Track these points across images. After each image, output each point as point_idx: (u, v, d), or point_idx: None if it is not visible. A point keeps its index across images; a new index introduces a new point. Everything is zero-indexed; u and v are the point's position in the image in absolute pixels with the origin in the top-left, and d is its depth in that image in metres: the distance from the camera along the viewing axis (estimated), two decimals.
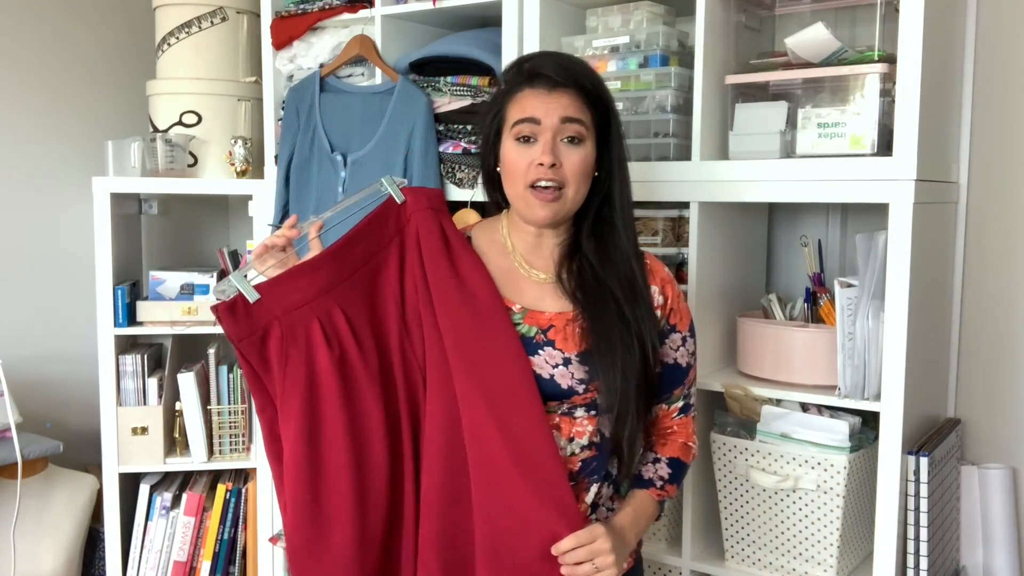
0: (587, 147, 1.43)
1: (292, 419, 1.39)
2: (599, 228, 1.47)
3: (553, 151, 1.40)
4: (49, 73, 2.79)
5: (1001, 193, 2.02)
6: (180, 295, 2.57)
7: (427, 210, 1.50)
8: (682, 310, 1.53)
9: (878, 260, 1.75)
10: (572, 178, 1.42)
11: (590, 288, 1.45)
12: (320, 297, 1.42)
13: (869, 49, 1.79)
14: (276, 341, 1.39)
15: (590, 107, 1.44)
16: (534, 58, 1.47)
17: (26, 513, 2.43)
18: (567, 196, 1.43)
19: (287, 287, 1.41)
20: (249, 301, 1.38)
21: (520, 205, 1.46)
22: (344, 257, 1.45)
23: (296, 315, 1.40)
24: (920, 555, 1.77)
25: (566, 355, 1.43)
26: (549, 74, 1.42)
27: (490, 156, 1.49)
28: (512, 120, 1.43)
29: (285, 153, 2.38)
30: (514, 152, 1.43)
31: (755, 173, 1.86)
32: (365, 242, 1.47)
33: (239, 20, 2.69)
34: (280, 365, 1.40)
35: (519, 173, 1.42)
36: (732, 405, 1.94)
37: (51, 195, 2.81)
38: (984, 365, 2.06)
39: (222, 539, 2.60)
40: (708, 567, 2.01)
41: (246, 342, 1.39)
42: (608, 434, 1.47)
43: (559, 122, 1.40)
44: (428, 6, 2.22)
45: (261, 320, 1.39)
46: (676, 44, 2.06)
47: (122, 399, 2.54)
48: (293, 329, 1.40)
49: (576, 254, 1.48)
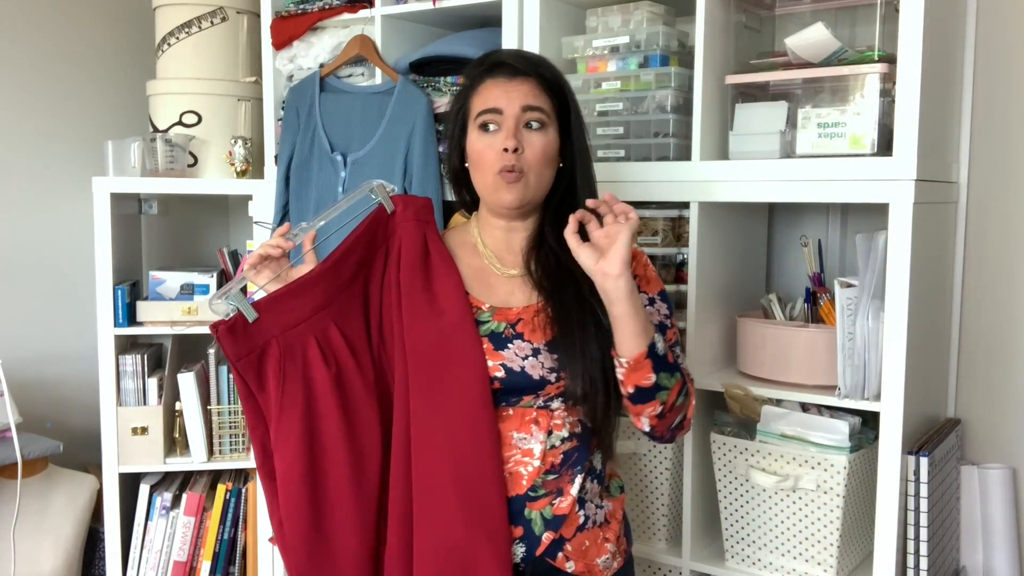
0: (549, 133, 1.46)
1: (291, 436, 1.39)
2: (562, 217, 1.48)
3: (515, 136, 1.43)
4: (49, 73, 2.79)
5: (1001, 193, 2.02)
6: (180, 295, 2.57)
7: (413, 221, 1.50)
8: (650, 277, 1.54)
9: (878, 260, 1.75)
10: (535, 163, 1.44)
11: (554, 276, 1.47)
12: (316, 314, 1.42)
13: (869, 49, 1.79)
14: (274, 360, 1.40)
15: (550, 96, 1.47)
16: (494, 53, 1.52)
17: (26, 513, 2.43)
18: (530, 181, 1.45)
19: (285, 305, 1.41)
20: (248, 320, 1.38)
21: (489, 194, 1.48)
22: (338, 272, 1.45)
23: (293, 333, 1.40)
24: (920, 555, 1.77)
25: (535, 345, 1.44)
26: (509, 62, 1.46)
27: (455, 153, 1.52)
28: (475, 111, 1.46)
29: (285, 153, 2.38)
30: (479, 142, 1.45)
31: (755, 173, 1.86)
32: (357, 254, 1.47)
33: (239, 20, 2.69)
34: (277, 383, 1.40)
35: (486, 162, 1.45)
36: (732, 405, 1.94)
37: (51, 195, 2.81)
38: (984, 365, 2.06)
39: (222, 539, 2.60)
40: (708, 567, 2.01)
41: (244, 361, 1.39)
42: (588, 421, 1.47)
43: (520, 110, 1.43)
44: (428, 6, 2.22)
45: (259, 339, 1.39)
46: (676, 44, 2.06)
47: (122, 399, 2.54)
48: (291, 348, 1.40)
49: (542, 244, 1.50)
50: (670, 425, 1.47)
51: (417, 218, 1.50)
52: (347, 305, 1.45)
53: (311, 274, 1.44)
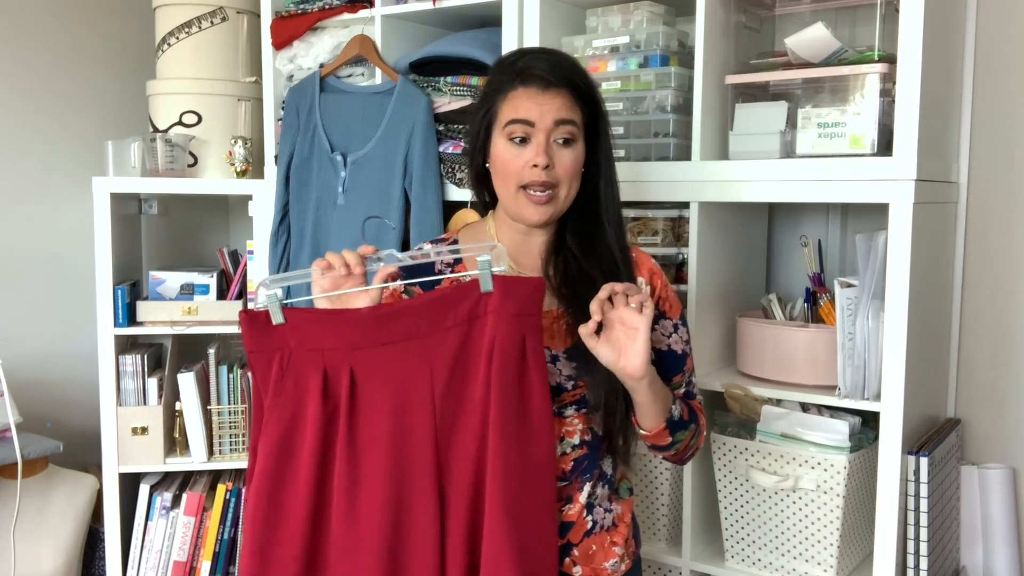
0: (579, 147, 1.43)
1: (264, 451, 1.36)
2: (585, 223, 1.47)
3: (547, 152, 1.39)
4: (49, 73, 2.79)
5: (1001, 193, 2.02)
6: (180, 295, 2.57)
7: (513, 317, 1.31)
8: (672, 299, 1.54)
9: (878, 260, 1.75)
10: (565, 178, 1.42)
11: (574, 282, 1.45)
12: (340, 350, 1.35)
13: (869, 49, 1.79)
14: (278, 369, 1.36)
15: (581, 106, 1.43)
16: (526, 55, 1.46)
17: (26, 513, 2.43)
18: (559, 197, 1.42)
19: (315, 326, 1.36)
20: (272, 322, 1.36)
21: (511, 205, 1.45)
22: (388, 324, 1.35)
23: (308, 355, 1.36)
24: (920, 555, 1.77)
25: (553, 352, 1.43)
26: (542, 74, 1.41)
27: (479, 154, 1.48)
28: (504, 120, 1.42)
29: (285, 153, 2.38)
30: (507, 152, 1.42)
31: (755, 173, 1.86)
32: (418, 319, 1.36)
33: (239, 20, 2.68)
34: (275, 393, 1.36)
35: (511, 174, 1.42)
36: (732, 405, 1.94)
37: (51, 195, 2.81)
38: (984, 365, 2.06)
39: (222, 539, 2.60)
40: (708, 567, 2.01)
41: (255, 356, 1.37)
42: (599, 431, 1.47)
43: (553, 124, 1.40)
44: (428, 6, 2.22)
45: (274, 343, 1.36)
46: (676, 44, 2.06)
47: (122, 399, 2.54)
48: (299, 367, 1.36)
49: (561, 250, 1.48)
50: (682, 459, 1.55)
51: (519, 311, 1.32)
52: (376, 360, 1.36)
53: (362, 311, 1.36)
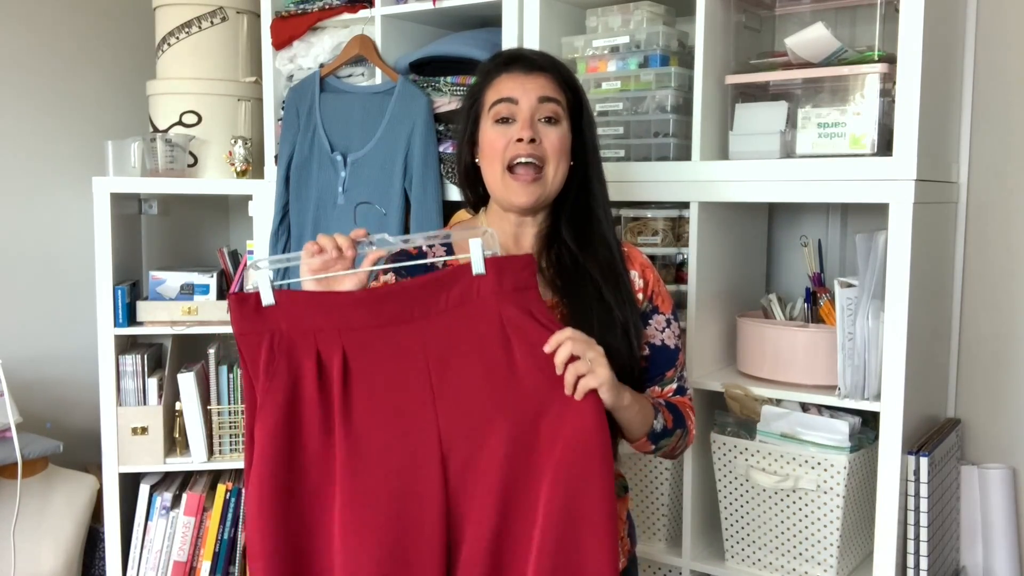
0: (564, 127, 1.45)
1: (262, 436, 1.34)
2: (578, 215, 1.47)
3: (532, 127, 1.41)
4: (49, 73, 2.79)
5: (1001, 193, 2.02)
6: (180, 295, 2.57)
7: (512, 293, 1.32)
8: (663, 293, 1.54)
9: (878, 260, 1.75)
10: (552, 155, 1.43)
11: (569, 274, 1.45)
12: (332, 331, 1.34)
13: (869, 49, 1.79)
14: (268, 351, 1.34)
15: (565, 88, 1.46)
16: (507, 50, 1.53)
17: (26, 513, 2.43)
18: (547, 176, 1.43)
19: (307, 308, 1.35)
20: (262, 302, 1.34)
21: (500, 191, 1.45)
22: (381, 305, 1.35)
23: (300, 337, 1.34)
24: (920, 555, 1.77)
25: None
26: (525, 56, 1.46)
27: (466, 149, 1.50)
28: (490, 102, 1.45)
29: (285, 153, 2.38)
30: (493, 132, 1.44)
31: (755, 173, 1.86)
32: (411, 301, 1.35)
33: (239, 20, 2.68)
34: (267, 375, 1.34)
35: (497, 153, 1.43)
36: (732, 405, 1.94)
37: (51, 195, 2.81)
38: (984, 365, 2.06)
39: (222, 539, 2.60)
40: (708, 567, 2.01)
41: (244, 339, 1.36)
42: None
43: (537, 101, 1.42)
44: (428, 6, 2.22)
45: (265, 325, 1.35)
46: (676, 44, 2.06)
47: (122, 399, 2.54)
48: (291, 349, 1.34)
49: (555, 241, 1.48)
50: (671, 456, 1.56)
51: (517, 287, 1.32)
52: (369, 342, 1.35)
53: (352, 293, 1.36)
